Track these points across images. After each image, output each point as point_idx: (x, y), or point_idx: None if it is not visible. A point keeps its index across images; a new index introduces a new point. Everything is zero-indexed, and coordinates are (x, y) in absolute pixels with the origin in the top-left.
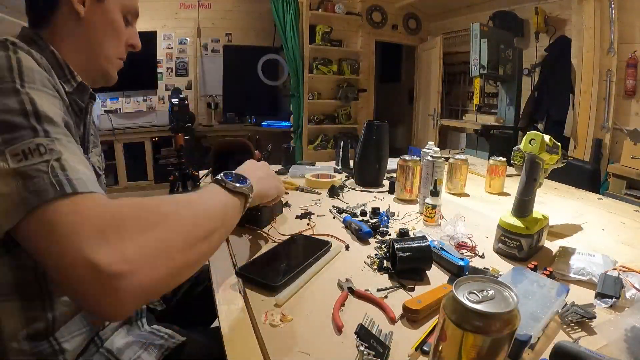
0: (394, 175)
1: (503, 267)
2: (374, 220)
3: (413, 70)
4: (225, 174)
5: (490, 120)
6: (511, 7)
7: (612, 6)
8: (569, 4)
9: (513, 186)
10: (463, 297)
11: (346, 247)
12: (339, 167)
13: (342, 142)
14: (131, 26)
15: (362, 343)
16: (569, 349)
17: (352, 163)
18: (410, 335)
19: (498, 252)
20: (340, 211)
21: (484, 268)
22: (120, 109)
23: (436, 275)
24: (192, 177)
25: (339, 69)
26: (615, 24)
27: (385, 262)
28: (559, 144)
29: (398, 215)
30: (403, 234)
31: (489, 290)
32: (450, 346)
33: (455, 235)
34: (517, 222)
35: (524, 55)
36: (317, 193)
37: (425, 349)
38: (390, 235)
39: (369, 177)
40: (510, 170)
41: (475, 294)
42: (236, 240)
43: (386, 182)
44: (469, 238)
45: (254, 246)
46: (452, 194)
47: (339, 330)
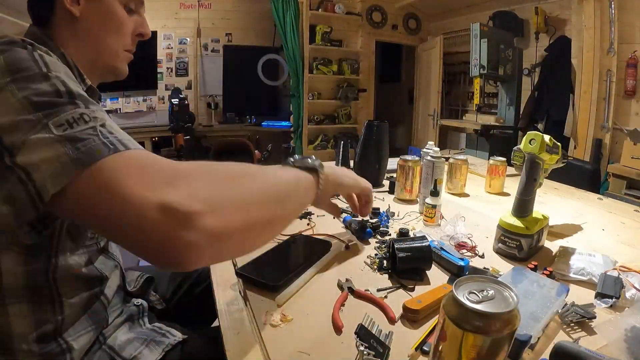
0: (394, 175)
1: (503, 267)
2: (374, 220)
3: (413, 70)
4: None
5: (490, 120)
6: (511, 7)
7: (612, 6)
8: (569, 4)
9: (513, 186)
10: (463, 297)
11: (346, 247)
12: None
13: (342, 142)
14: (137, 14)
15: (362, 343)
16: (569, 349)
17: (352, 163)
18: (410, 335)
19: (498, 252)
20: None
21: (484, 268)
22: (120, 109)
23: (436, 275)
24: None
25: (339, 69)
26: (615, 24)
27: (385, 262)
28: (559, 144)
29: (398, 215)
30: (403, 234)
31: (489, 290)
32: (450, 346)
33: (455, 235)
34: (517, 222)
35: (524, 55)
36: None
37: (425, 349)
38: (390, 235)
39: (369, 177)
40: (510, 170)
41: (475, 294)
42: None
43: (386, 182)
44: (469, 238)
45: None
46: (452, 194)
47: (339, 330)
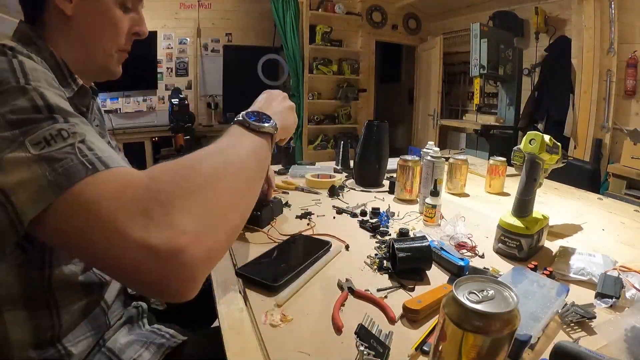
0: (394, 175)
1: (503, 267)
2: (374, 220)
3: (413, 70)
4: (247, 113)
5: (490, 120)
6: (511, 7)
7: (612, 6)
8: (569, 4)
9: (513, 186)
10: (463, 297)
11: (346, 247)
12: (339, 167)
13: (342, 142)
14: (134, 13)
15: (362, 343)
16: (569, 349)
17: (352, 163)
18: (410, 335)
19: (498, 252)
20: (340, 211)
21: (484, 268)
22: (120, 109)
23: (436, 275)
24: None
25: (339, 69)
26: (615, 24)
27: (385, 262)
28: (559, 144)
29: (398, 215)
30: (403, 234)
31: (489, 290)
32: (450, 346)
33: (455, 235)
34: (517, 222)
35: (524, 55)
36: (317, 193)
37: (425, 349)
38: (390, 235)
39: (369, 177)
40: (510, 170)
41: (475, 294)
42: (236, 240)
43: (386, 182)
44: (469, 238)
45: (254, 246)
46: (452, 194)
47: (339, 330)
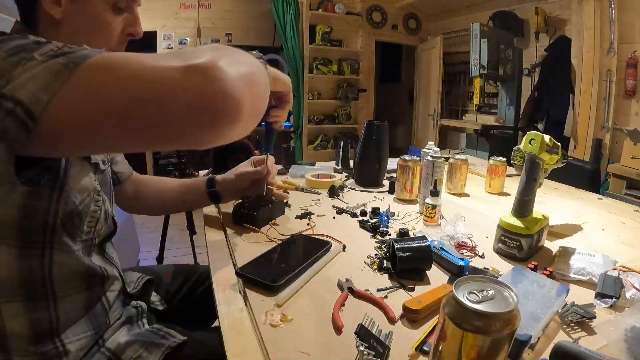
0: (394, 175)
1: (503, 267)
2: (374, 220)
3: (413, 70)
4: None
5: (490, 120)
6: (511, 7)
7: (612, 6)
8: (569, 4)
9: (513, 186)
10: (463, 297)
11: (343, 247)
12: (339, 167)
13: (342, 142)
14: (127, 13)
15: (362, 343)
16: (569, 349)
17: (352, 163)
18: (410, 335)
19: (498, 252)
20: (340, 211)
21: (484, 268)
22: None
23: (436, 275)
24: (192, 177)
25: (339, 69)
26: (615, 24)
27: (385, 262)
28: (559, 144)
29: (398, 215)
30: (403, 234)
31: (489, 290)
32: (450, 346)
33: (455, 235)
34: (517, 222)
35: (524, 55)
36: (317, 193)
37: (425, 349)
38: (390, 235)
39: (369, 177)
40: (510, 170)
41: (475, 294)
42: (236, 240)
43: (386, 182)
44: (469, 238)
45: (254, 246)
46: (452, 194)
47: (339, 330)
